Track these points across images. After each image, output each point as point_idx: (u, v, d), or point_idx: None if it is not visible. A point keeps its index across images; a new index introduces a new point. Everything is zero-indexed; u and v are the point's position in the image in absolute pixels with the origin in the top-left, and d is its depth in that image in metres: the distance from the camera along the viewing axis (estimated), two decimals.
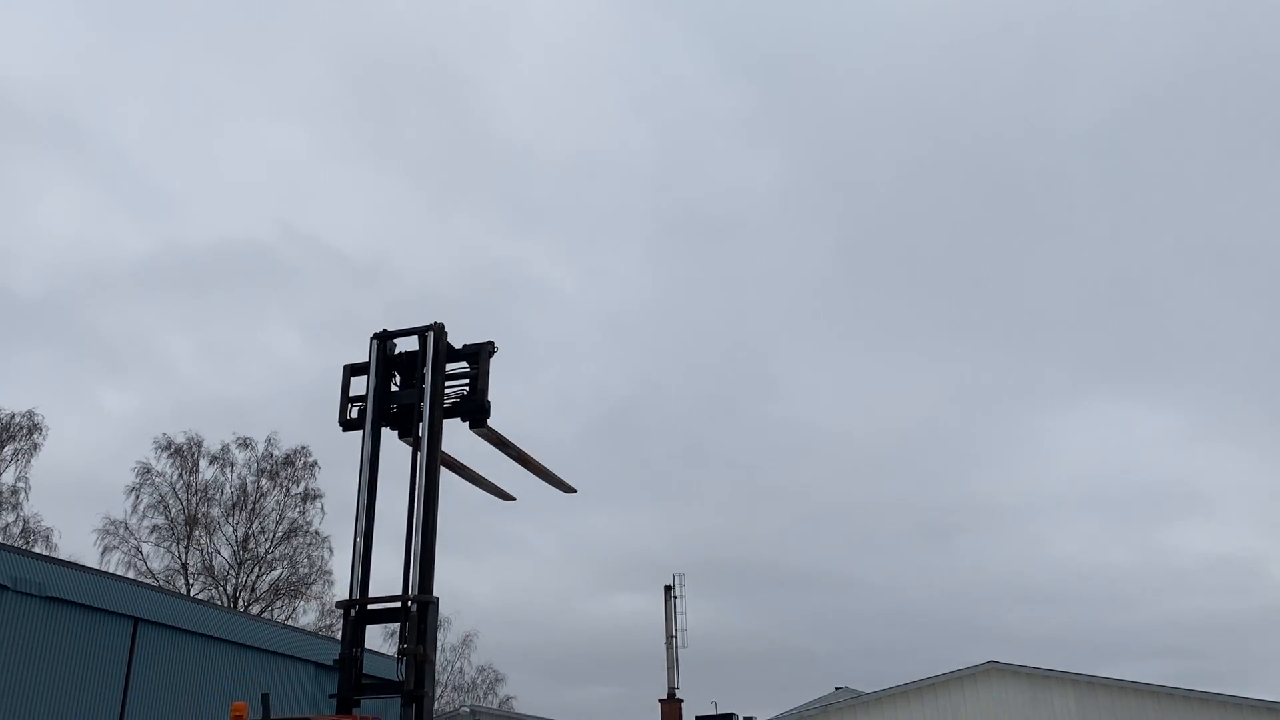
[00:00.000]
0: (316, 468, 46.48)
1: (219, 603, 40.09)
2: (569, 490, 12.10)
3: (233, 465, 44.93)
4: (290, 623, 39.52)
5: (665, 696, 38.41)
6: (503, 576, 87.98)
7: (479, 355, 10.46)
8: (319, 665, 28.48)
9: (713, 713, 35.93)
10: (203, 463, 44.51)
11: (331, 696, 9.41)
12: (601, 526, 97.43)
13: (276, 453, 45.73)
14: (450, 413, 10.41)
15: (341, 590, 51.36)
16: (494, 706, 45.92)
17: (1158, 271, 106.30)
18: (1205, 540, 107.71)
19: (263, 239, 79.66)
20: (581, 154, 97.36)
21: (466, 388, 10.46)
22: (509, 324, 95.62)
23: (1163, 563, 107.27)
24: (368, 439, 10.14)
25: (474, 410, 10.33)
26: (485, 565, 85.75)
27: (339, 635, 10.24)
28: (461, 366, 10.55)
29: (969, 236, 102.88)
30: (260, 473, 45.37)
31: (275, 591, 44.94)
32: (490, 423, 10.46)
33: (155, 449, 43.98)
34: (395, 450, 10.52)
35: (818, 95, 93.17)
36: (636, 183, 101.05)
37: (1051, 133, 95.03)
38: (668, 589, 42.28)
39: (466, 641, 54.85)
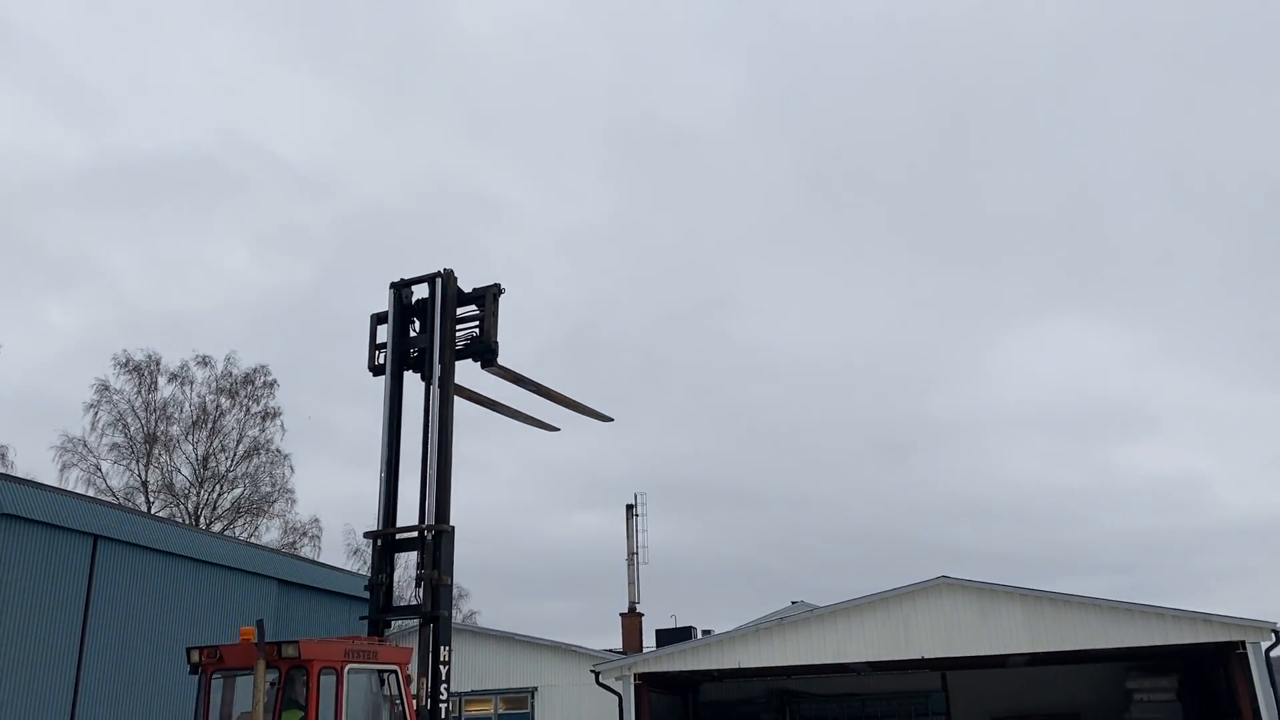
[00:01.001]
0: (276, 386, 46.26)
1: (180, 520, 40.09)
2: (605, 419, 12.64)
3: (192, 383, 44.64)
4: (253, 540, 39.66)
5: (626, 611, 39.24)
6: (464, 495, 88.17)
7: (485, 298, 10.97)
8: (282, 582, 28.70)
9: (672, 626, 36.79)
10: (161, 380, 44.15)
11: (362, 618, 10.30)
12: (560, 446, 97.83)
13: (236, 371, 45.44)
14: (462, 354, 10.92)
15: (305, 509, 51.63)
16: (457, 621, 46.65)
17: (1115, 193, 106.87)
18: (1152, 460, 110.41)
19: (206, 148, 77.36)
20: (537, 65, 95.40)
21: (477, 329, 11.02)
22: (464, 240, 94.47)
23: (1110, 482, 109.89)
24: (388, 382, 10.82)
25: (483, 351, 10.96)
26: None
27: (303, 552, 10.60)
28: (472, 310, 10.96)
29: (929, 155, 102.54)
30: (220, 391, 45.10)
31: (237, 510, 45.03)
32: (505, 361, 10.81)
33: (114, 366, 43.53)
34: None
35: (778, 7, 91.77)
36: (593, 94, 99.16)
37: (1012, 53, 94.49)
38: (629, 508, 42.89)
39: None
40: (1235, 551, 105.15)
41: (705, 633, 28.47)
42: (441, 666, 9.87)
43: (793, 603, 35.82)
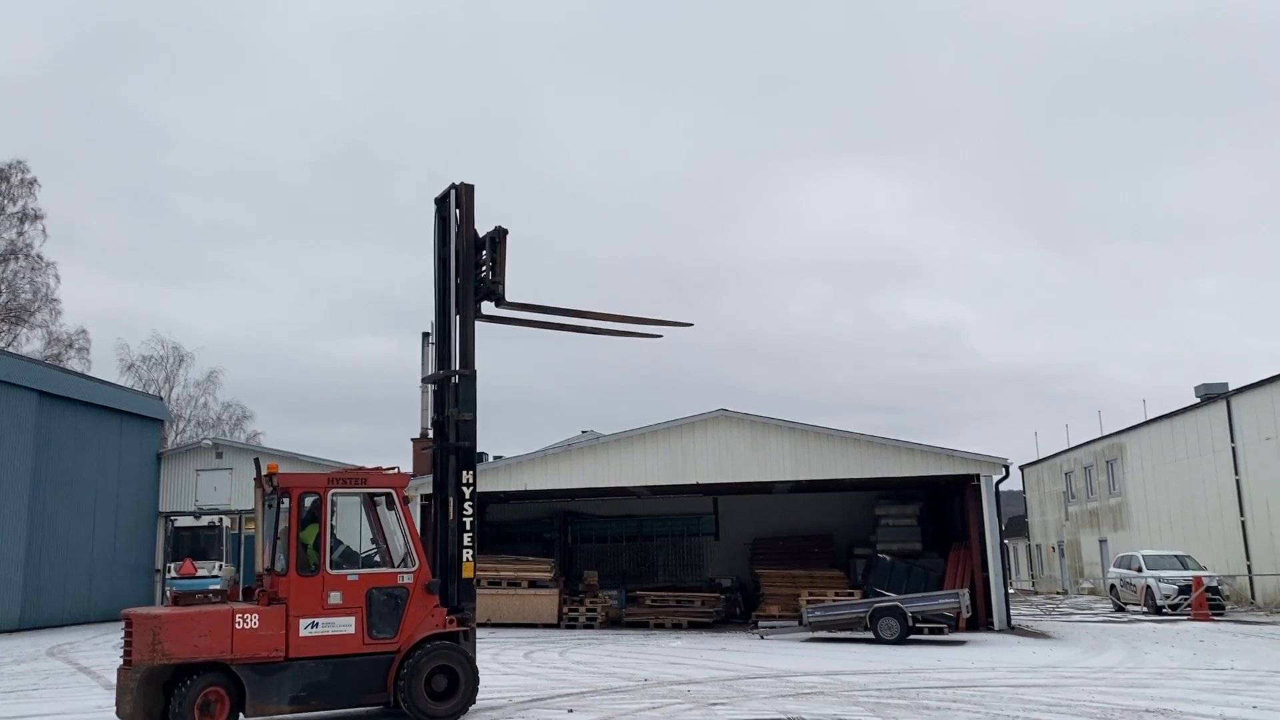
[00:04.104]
0: (36, 185, 42.26)
1: None
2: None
3: None
4: (11, 350, 36.88)
5: (418, 436, 39.45)
6: (237, 313, 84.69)
7: (494, 241, 11.91)
8: (44, 394, 27.02)
9: None
10: None
11: (424, 449, 11.79)
12: (339, 265, 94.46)
13: None
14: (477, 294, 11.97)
15: (71, 320, 48.23)
16: (240, 441, 45.59)
17: (906, 46, 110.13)
18: (917, 307, 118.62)
19: None
20: None
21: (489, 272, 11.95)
22: (221, 26, 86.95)
23: (878, 328, 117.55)
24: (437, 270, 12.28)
25: (490, 290, 11.89)
26: (215, 299, 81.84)
27: (69, 365, 10.34)
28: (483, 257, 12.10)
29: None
30: None
31: None
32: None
33: None
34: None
35: None
36: None
37: None
38: (425, 335, 42.52)
39: (211, 378, 53.56)
40: (984, 397, 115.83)
41: (496, 459, 29.11)
42: (465, 488, 11.30)
43: (582, 432, 36.98)
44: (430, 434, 38.05)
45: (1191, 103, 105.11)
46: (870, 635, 19.27)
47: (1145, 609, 27.54)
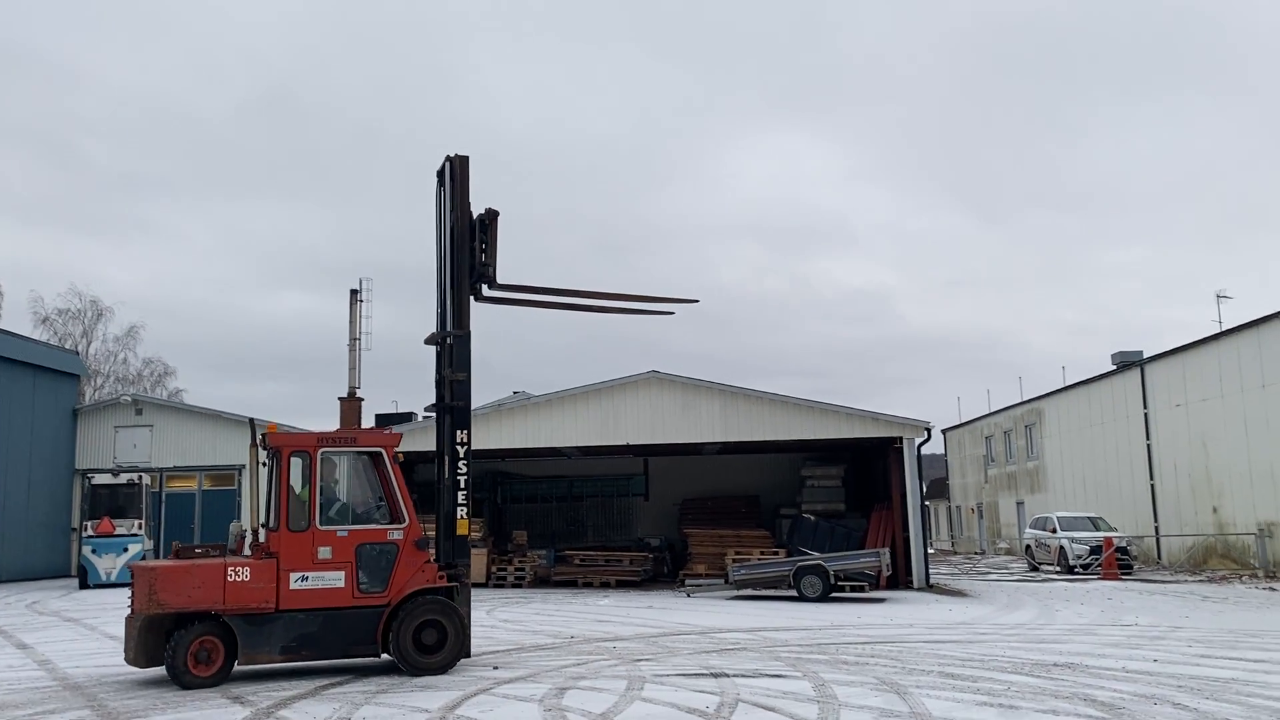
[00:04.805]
0: None
1: None
2: (687, 302, 13.31)
3: None
4: None
5: (346, 395, 38.92)
6: (157, 266, 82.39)
7: (485, 224, 12.11)
8: None
9: (393, 411, 36.98)
10: None
11: (427, 409, 12.11)
12: (262, 217, 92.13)
13: None
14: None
15: None
16: (162, 398, 44.52)
17: (841, 10, 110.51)
18: (846, 273, 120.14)
19: None
20: None
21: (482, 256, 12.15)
22: None
23: (809, 292, 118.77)
24: (442, 235, 12.30)
25: (481, 273, 12.07)
26: (133, 251, 79.52)
27: None
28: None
29: None
30: None
31: None
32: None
33: None
34: None
35: None
36: None
37: None
38: (354, 292, 41.70)
39: (131, 333, 52.06)
40: (909, 361, 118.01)
41: (425, 418, 28.86)
42: (459, 447, 11.45)
43: (514, 393, 36.88)
44: (357, 393, 37.57)
45: (1117, 75, 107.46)
46: (794, 593, 19.66)
47: (1058, 568, 28.51)
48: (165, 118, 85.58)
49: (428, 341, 12.15)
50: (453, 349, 11.78)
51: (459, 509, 11.41)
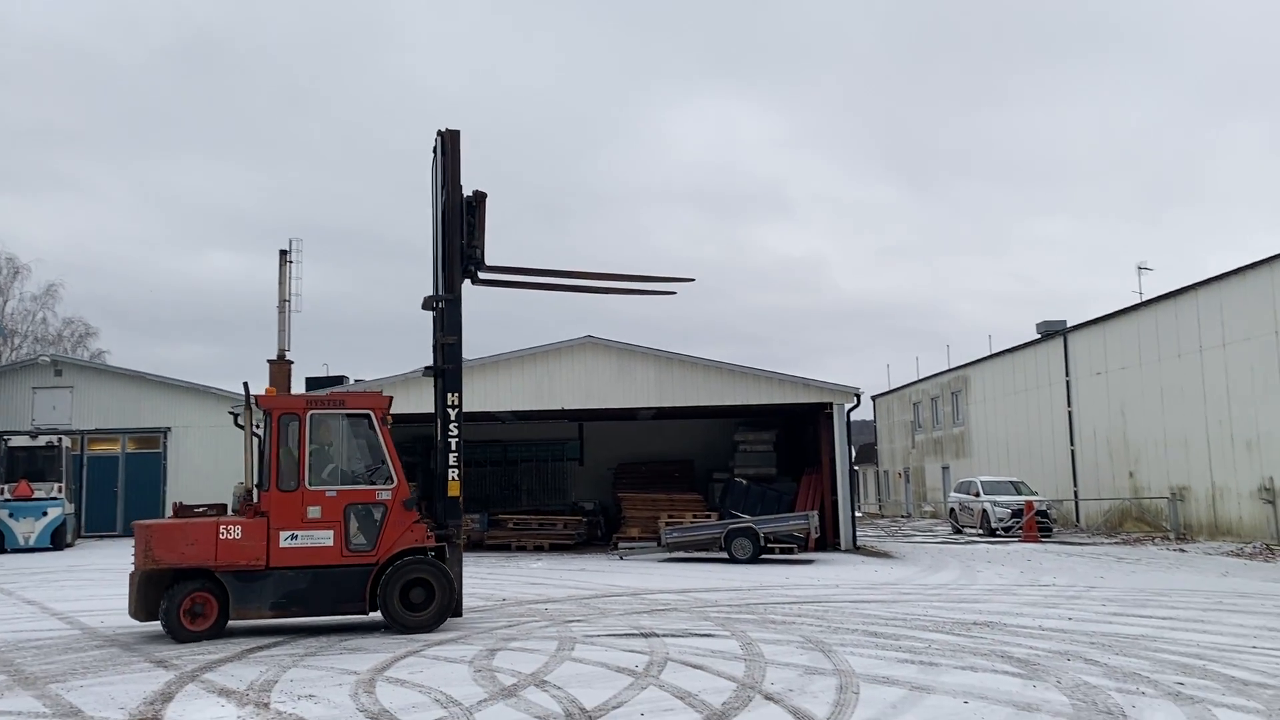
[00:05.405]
0: None
1: None
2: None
3: None
4: None
5: (275, 358, 38.24)
6: (75, 223, 79.81)
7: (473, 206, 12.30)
8: None
9: (323, 375, 36.43)
10: None
11: (425, 370, 12.16)
12: (185, 174, 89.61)
13: None
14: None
15: None
16: (84, 359, 43.29)
17: None
18: (782, 241, 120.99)
19: None
20: None
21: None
22: None
23: (745, 259, 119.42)
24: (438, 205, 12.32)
25: (469, 255, 12.21)
26: (49, 207, 76.83)
27: None
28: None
29: None
30: None
31: None
32: None
33: None
34: None
35: None
36: None
37: None
38: (283, 253, 40.94)
39: (50, 292, 50.43)
40: (842, 329, 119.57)
41: (357, 382, 28.48)
42: (450, 410, 11.62)
43: None
44: (287, 355, 36.97)
45: (1048, 45, 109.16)
46: (725, 555, 19.94)
47: (981, 531, 29.30)
48: (81, 68, 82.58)
49: (424, 306, 12.23)
50: (444, 312, 11.93)
51: (450, 470, 11.57)
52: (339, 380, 33.76)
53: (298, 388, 36.24)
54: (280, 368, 37.56)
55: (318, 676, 8.33)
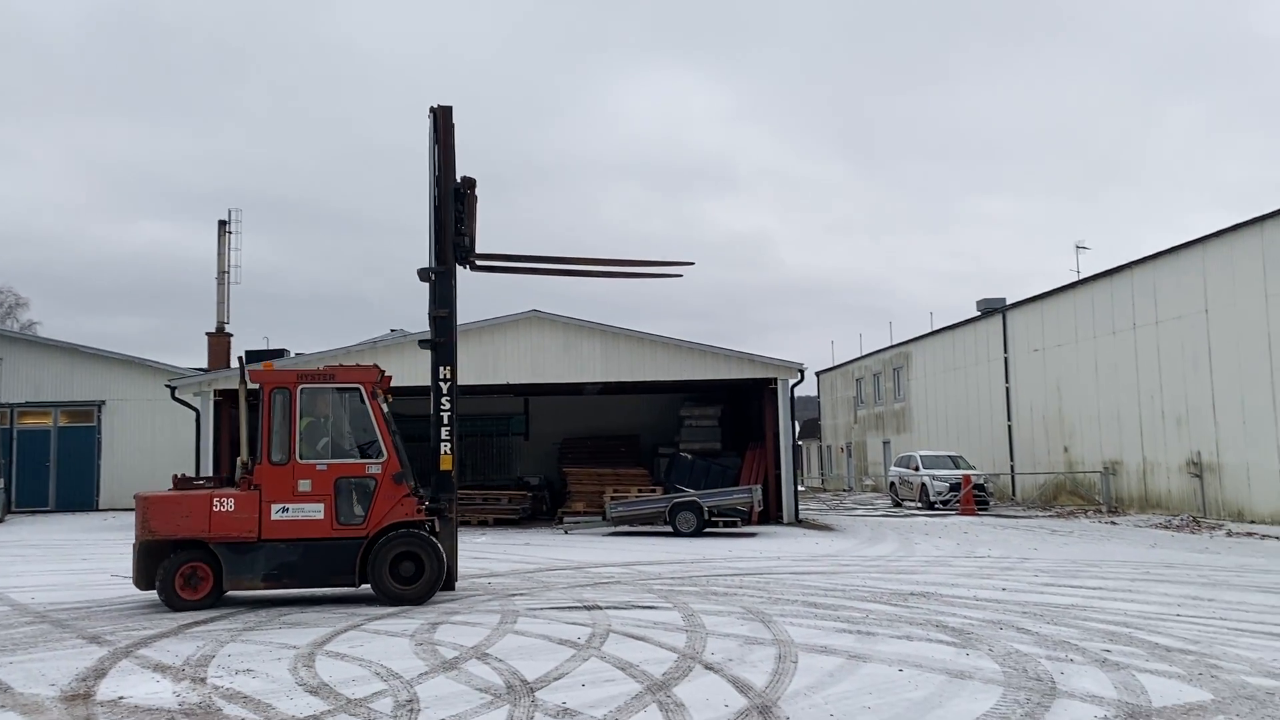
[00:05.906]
0: None
1: None
2: (685, 265, 13.41)
3: None
4: None
5: (214, 330, 37.56)
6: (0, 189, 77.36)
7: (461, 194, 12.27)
8: None
9: (264, 348, 35.86)
10: None
11: (422, 344, 12.27)
12: (115, 140, 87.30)
13: None
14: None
15: None
16: (14, 330, 42.09)
17: None
18: (729, 217, 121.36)
19: None
20: None
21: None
22: None
23: (692, 234, 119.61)
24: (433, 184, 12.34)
25: (458, 244, 12.18)
26: None
27: None
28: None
29: None
30: None
31: None
32: None
33: None
34: None
35: None
36: None
37: None
38: (222, 224, 40.18)
39: None
40: (787, 306, 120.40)
41: (298, 355, 28.08)
42: (442, 383, 11.79)
43: (391, 330, 36.17)
44: (226, 328, 36.35)
45: (990, 27, 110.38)
46: (669, 529, 20.07)
47: (920, 504, 29.83)
48: (2, 30, 79.76)
49: (421, 277, 12.21)
50: (436, 284, 11.91)
51: (443, 444, 11.63)
52: (279, 354, 33.28)
53: (236, 362, 35.67)
54: (219, 340, 36.94)
55: (256, 651, 8.25)
